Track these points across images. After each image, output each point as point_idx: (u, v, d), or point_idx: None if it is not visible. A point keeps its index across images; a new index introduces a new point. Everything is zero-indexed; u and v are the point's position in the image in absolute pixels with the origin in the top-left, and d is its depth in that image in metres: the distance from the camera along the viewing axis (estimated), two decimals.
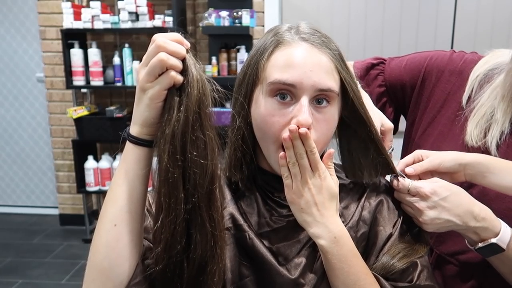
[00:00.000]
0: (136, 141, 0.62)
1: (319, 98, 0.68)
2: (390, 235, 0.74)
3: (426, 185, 0.74)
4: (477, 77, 0.89)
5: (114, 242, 0.63)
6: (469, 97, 0.89)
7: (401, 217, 0.76)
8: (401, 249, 0.72)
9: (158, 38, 0.59)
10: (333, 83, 0.68)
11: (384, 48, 3.01)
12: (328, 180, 0.66)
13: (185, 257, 0.61)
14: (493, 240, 0.73)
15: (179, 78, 0.59)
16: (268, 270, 0.70)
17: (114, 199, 0.63)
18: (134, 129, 0.63)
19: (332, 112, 0.70)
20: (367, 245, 0.74)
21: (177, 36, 0.60)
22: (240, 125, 0.72)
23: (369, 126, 0.73)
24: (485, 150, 0.84)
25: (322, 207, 0.65)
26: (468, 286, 0.88)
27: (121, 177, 0.63)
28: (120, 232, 0.63)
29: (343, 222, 0.73)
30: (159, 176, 0.60)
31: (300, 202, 0.66)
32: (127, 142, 0.63)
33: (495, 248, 0.74)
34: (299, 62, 0.67)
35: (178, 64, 0.59)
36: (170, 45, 0.58)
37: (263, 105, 0.69)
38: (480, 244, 0.75)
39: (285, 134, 0.64)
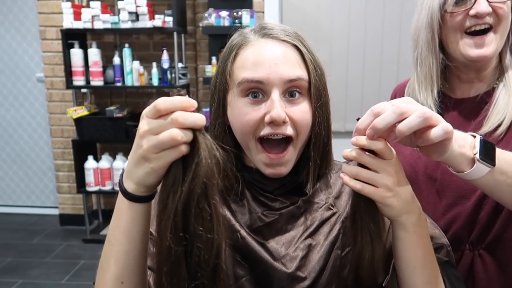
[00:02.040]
0: (133, 198, 0.57)
1: (291, 90, 0.68)
2: None
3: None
4: (409, 90, 1.00)
5: None
6: None
7: None
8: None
9: (177, 114, 0.51)
10: (300, 72, 0.68)
11: (384, 48, 3.01)
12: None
13: None
14: (478, 137, 0.64)
15: (186, 150, 0.53)
16: (264, 267, 0.69)
17: (117, 256, 0.60)
18: (130, 186, 0.56)
19: (307, 103, 0.69)
20: None
21: (193, 102, 0.52)
22: (218, 133, 0.72)
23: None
24: None
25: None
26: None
27: (121, 234, 0.59)
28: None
29: (336, 212, 0.73)
30: (159, 255, 0.55)
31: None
32: (122, 196, 0.58)
33: (490, 145, 0.64)
34: (263, 57, 0.67)
35: (190, 138, 0.52)
36: (189, 120, 0.51)
37: (236, 106, 0.69)
38: (475, 149, 0.63)
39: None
